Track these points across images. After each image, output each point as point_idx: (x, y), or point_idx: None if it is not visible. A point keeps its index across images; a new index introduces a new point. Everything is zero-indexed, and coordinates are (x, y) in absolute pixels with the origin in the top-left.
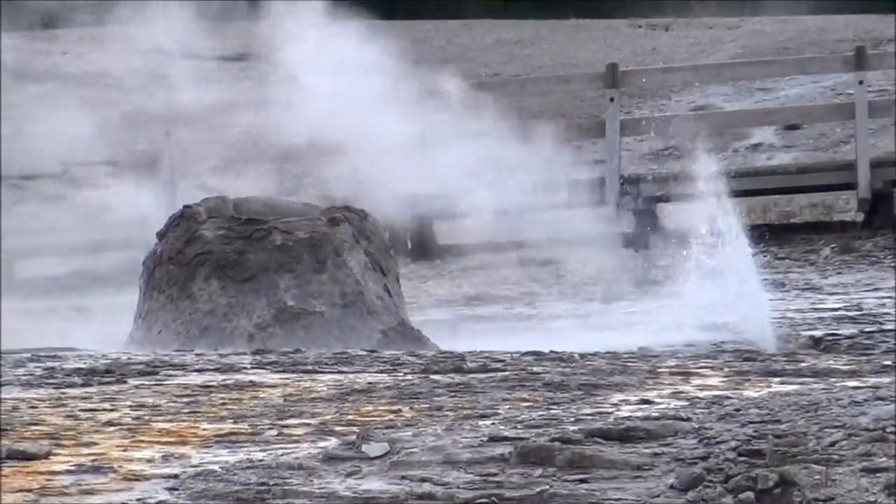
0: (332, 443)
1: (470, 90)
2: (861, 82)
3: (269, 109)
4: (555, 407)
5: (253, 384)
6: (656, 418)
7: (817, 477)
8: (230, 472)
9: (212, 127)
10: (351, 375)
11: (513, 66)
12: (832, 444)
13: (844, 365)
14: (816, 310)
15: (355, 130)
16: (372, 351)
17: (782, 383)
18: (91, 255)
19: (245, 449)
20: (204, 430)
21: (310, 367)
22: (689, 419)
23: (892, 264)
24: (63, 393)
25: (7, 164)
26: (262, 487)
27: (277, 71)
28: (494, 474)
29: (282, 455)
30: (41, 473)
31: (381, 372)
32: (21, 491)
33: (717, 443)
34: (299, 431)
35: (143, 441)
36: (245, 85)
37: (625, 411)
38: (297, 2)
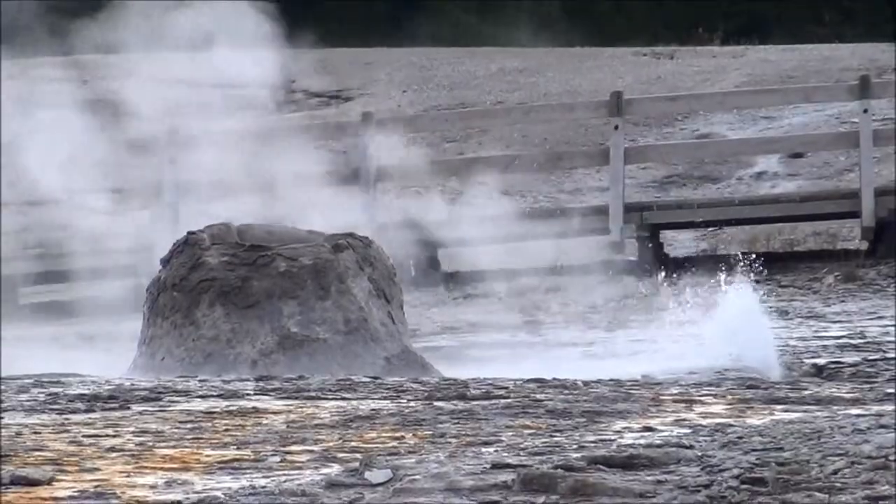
0: (335, 469)
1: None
2: (865, 111)
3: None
4: (558, 434)
5: (256, 410)
6: (659, 446)
7: None
8: (233, 498)
9: (217, 154)
10: (354, 402)
11: (517, 94)
12: (835, 472)
13: (847, 393)
14: (820, 338)
15: None
16: (375, 378)
17: (785, 411)
18: (95, 282)
19: (248, 475)
20: (207, 456)
21: (313, 394)
22: (691, 447)
23: (895, 292)
24: (66, 419)
25: (12, 190)
26: None
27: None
28: (497, 502)
29: (285, 482)
30: (44, 500)
31: (385, 399)
32: None
33: (720, 470)
34: (302, 458)
35: (146, 467)
36: (251, 113)
37: (628, 439)
38: None
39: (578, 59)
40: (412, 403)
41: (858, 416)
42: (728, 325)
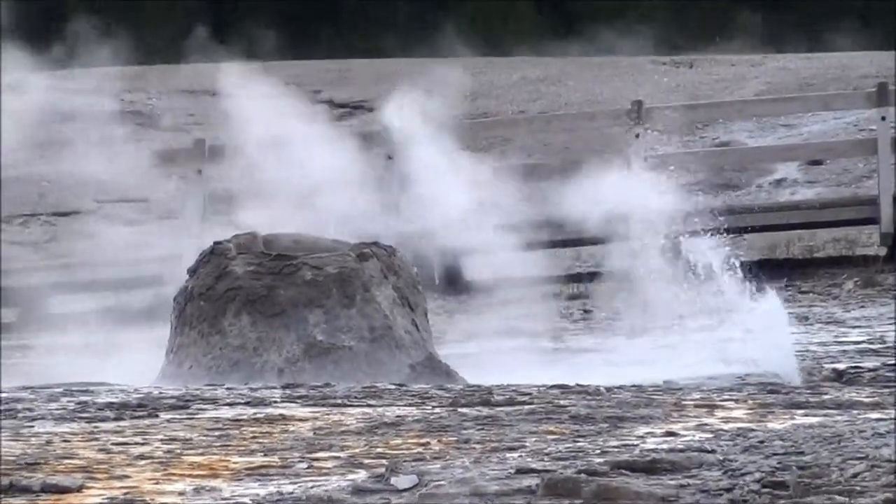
0: (361, 475)
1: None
2: (884, 118)
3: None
4: (581, 439)
5: (283, 418)
6: (681, 450)
7: None
8: (261, 503)
9: (244, 164)
10: (380, 409)
11: (539, 103)
12: (855, 475)
13: (867, 397)
14: (839, 343)
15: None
16: (400, 385)
17: (806, 415)
18: (123, 292)
19: (275, 482)
20: (235, 463)
21: (339, 401)
22: (713, 451)
23: None
24: (96, 427)
25: (42, 200)
26: None
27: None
28: None
29: (312, 488)
30: None
31: (410, 405)
32: None
33: (742, 474)
34: (329, 464)
35: (174, 474)
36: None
37: (650, 443)
38: None
39: (598, 67)
40: (437, 410)
41: (878, 420)
42: (749, 331)
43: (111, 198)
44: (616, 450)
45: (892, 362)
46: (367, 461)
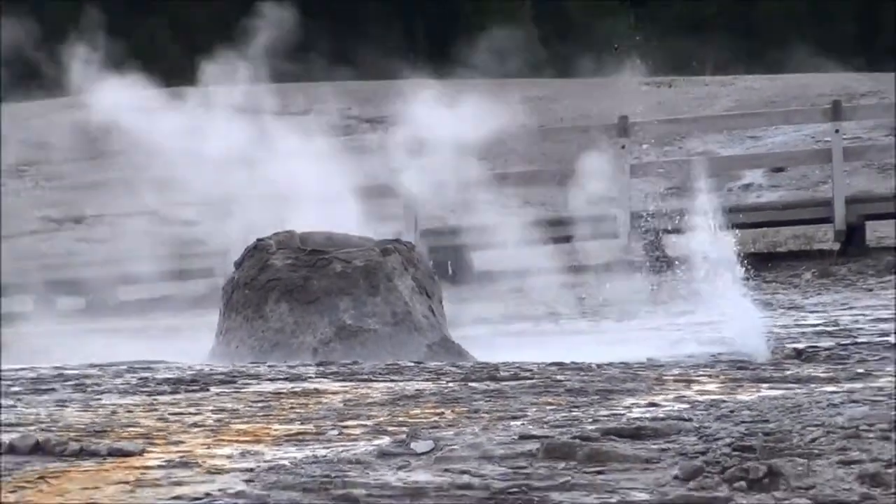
0: (385, 441)
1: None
2: (837, 131)
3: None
4: (576, 409)
5: (317, 391)
6: (662, 419)
7: (800, 469)
8: (298, 466)
9: (283, 172)
10: (401, 383)
11: (537, 118)
12: (813, 440)
13: (823, 373)
14: (799, 326)
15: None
16: (419, 362)
17: (770, 388)
18: (179, 282)
19: (310, 446)
20: (275, 430)
21: (365, 377)
22: (690, 419)
23: (865, 287)
24: (155, 399)
25: (108, 202)
26: (325, 479)
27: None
28: (524, 467)
29: (342, 452)
30: (137, 468)
31: (427, 380)
32: (120, 483)
33: (715, 439)
34: (357, 431)
35: (223, 440)
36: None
37: (635, 413)
38: None
39: (590, 88)
40: (450, 384)
41: (832, 392)
42: (721, 315)
43: (172, 200)
44: (606, 418)
45: (845, 342)
46: (390, 428)
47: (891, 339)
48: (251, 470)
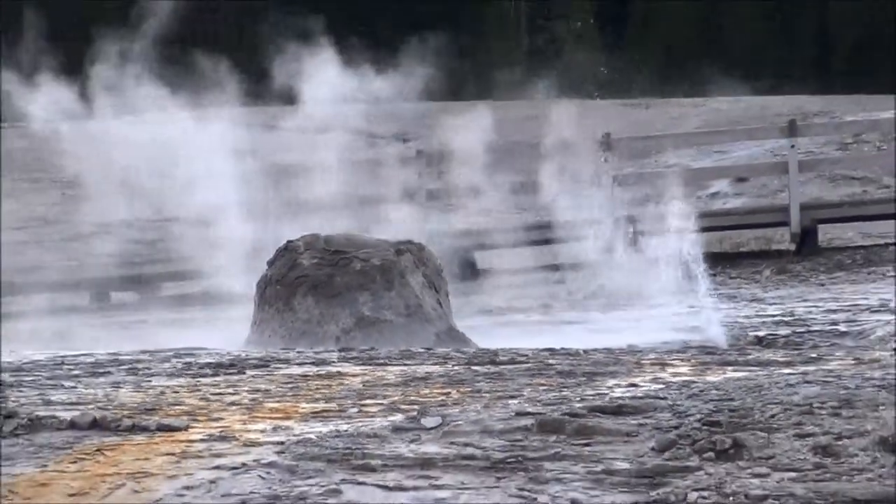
0: (398, 417)
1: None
2: (793, 146)
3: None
4: (565, 389)
5: (339, 374)
6: (641, 398)
7: (761, 441)
8: (323, 439)
9: (311, 181)
10: (412, 367)
11: (530, 134)
12: (772, 416)
13: (781, 357)
14: (760, 316)
15: None
16: (428, 349)
17: (735, 371)
18: (218, 278)
19: (334, 422)
20: (303, 408)
21: (382, 361)
22: (665, 398)
23: (817, 282)
24: (197, 381)
25: (157, 207)
26: (347, 451)
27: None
28: (520, 440)
29: (361, 427)
30: (182, 441)
31: (435, 364)
32: (167, 455)
33: (687, 415)
34: (374, 409)
35: (257, 417)
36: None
37: (617, 392)
38: None
39: (579, 109)
40: (456, 368)
41: (789, 374)
42: (692, 307)
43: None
44: (591, 397)
45: (800, 331)
46: (403, 406)
47: (840, 327)
48: (282, 443)
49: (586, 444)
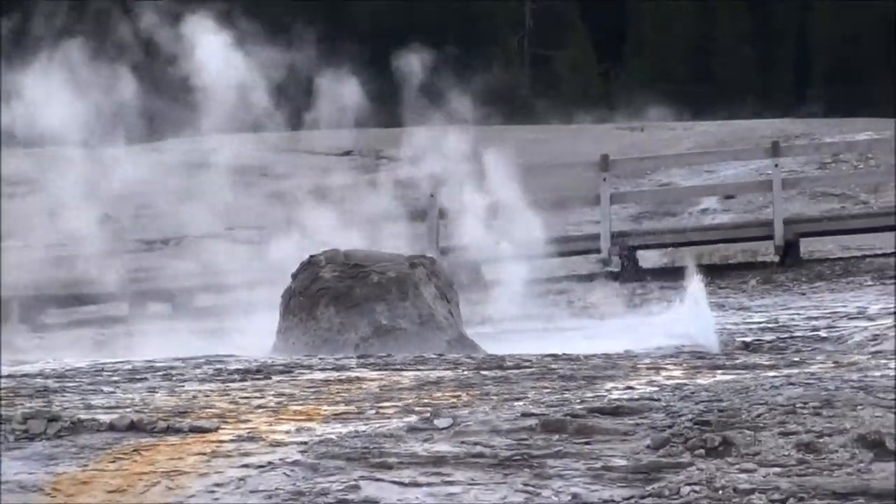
0: (413, 419)
1: None
2: (776, 165)
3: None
4: (567, 392)
5: (358, 379)
6: (636, 399)
7: (748, 439)
8: (343, 439)
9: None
10: (426, 372)
11: (532, 156)
12: (758, 415)
13: (766, 361)
14: (747, 323)
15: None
16: (440, 355)
17: (724, 374)
18: (246, 291)
19: (353, 423)
20: (325, 410)
21: (397, 367)
22: (659, 400)
23: (799, 291)
24: (227, 386)
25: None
26: (365, 450)
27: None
28: (525, 439)
29: (378, 427)
30: (213, 442)
31: (447, 369)
32: (199, 454)
33: (679, 416)
34: (390, 411)
35: (282, 419)
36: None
37: (615, 395)
38: None
39: (577, 132)
40: (466, 372)
41: (774, 376)
42: (684, 315)
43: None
44: (591, 399)
45: (784, 336)
46: (417, 408)
47: (821, 333)
48: (305, 443)
49: (586, 443)
